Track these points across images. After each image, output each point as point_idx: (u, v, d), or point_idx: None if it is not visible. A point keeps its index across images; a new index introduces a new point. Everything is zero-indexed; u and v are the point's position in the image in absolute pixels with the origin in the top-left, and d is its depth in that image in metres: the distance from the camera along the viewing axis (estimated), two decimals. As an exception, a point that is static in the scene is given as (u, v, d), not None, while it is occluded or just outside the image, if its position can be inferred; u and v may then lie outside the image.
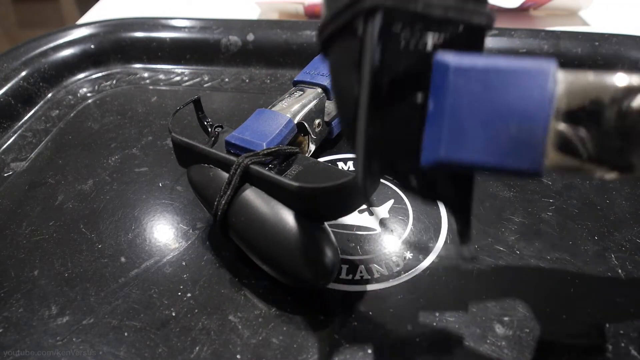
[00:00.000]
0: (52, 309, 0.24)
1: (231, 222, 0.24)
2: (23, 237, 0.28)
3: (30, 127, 0.37)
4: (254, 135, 0.27)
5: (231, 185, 0.24)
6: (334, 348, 0.22)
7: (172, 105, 0.39)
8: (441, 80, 0.14)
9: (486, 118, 0.13)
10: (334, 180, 0.22)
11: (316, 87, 0.31)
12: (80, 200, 0.30)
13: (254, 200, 0.23)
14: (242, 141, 0.27)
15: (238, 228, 0.24)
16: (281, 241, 0.22)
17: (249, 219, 0.23)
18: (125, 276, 0.25)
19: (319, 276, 0.22)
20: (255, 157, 0.24)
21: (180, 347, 0.22)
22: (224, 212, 0.24)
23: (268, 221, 0.23)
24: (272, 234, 0.22)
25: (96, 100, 0.40)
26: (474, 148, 0.14)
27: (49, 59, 0.41)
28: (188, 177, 0.27)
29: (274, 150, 0.26)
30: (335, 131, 0.33)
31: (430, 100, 0.15)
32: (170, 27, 0.44)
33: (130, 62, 0.44)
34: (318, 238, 0.22)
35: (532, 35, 0.40)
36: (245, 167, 0.24)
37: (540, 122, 0.13)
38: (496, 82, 0.13)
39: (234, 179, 0.24)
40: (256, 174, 0.24)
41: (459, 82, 0.14)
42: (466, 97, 0.14)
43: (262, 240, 0.23)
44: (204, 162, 0.26)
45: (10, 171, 0.33)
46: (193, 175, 0.26)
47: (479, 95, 0.14)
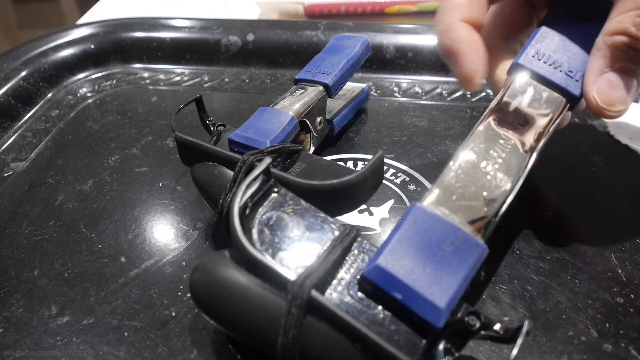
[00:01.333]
0: (52, 309, 0.24)
1: None
2: (23, 237, 0.28)
3: (30, 127, 0.37)
4: (257, 133, 0.27)
5: (237, 182, 0.24)
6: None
7: (172, 105, 0.39)
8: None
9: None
10: (339, 176, 0.22)
11: (317, 85, 0.31)
12: (80, 200, 0.30)
13: None
14: (246, 139, 0.27)
15: None
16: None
17: None
18: (125, 276, 0.25)
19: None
20: (259, 155, 0.24)
21: (180, 347, 0.22)
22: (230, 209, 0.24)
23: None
24: None
25: (96, 100, 0.40)
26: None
27: (49, 59, 0.41)
28: (192, 176, 0.27)
29: (278, 148, 0.26)
30: (337, 129, 0.33)
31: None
32: (170, 27, 0.44)
33: (130, 62, 0.44)
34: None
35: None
36: (251, 164, 0.24)
37: None
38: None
39: (239, 176, 0.24)
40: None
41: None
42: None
43: None
44: (208, 161, 0.26)
45: (10, 171, 0.33)
46: (197, 173, 0.26)
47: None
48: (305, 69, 0.32)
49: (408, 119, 0.36)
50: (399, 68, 0.41)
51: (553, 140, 0.24)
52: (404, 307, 0.18)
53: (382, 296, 0.18)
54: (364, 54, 0.33)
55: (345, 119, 0.34)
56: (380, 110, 0.37)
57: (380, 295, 0.18)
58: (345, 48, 0.33)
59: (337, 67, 0.31)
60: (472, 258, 0.19)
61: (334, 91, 0.31)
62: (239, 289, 0.19)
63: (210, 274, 0.19)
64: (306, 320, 0.18)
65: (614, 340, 0.22)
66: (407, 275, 0.18)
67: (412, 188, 0.29)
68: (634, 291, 0.24)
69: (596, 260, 0.25)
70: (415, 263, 0.18)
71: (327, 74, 0.31)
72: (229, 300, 0.19)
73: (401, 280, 0.18)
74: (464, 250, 0.19)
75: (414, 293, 0.18)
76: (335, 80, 0.31)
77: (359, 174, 0.22)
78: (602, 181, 0.30)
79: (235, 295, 0.19)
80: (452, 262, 0.18)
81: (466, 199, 0.20)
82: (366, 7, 0.51)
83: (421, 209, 0.20)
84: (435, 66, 0.40)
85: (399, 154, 0.32)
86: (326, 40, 0.41)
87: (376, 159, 0.23)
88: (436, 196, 0.20)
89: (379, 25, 0.42)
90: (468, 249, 0.19)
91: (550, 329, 0.22)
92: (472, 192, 0.20)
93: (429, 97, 0.38)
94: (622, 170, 0.31)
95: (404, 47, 0.41)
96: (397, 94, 0.39)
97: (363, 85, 0.36)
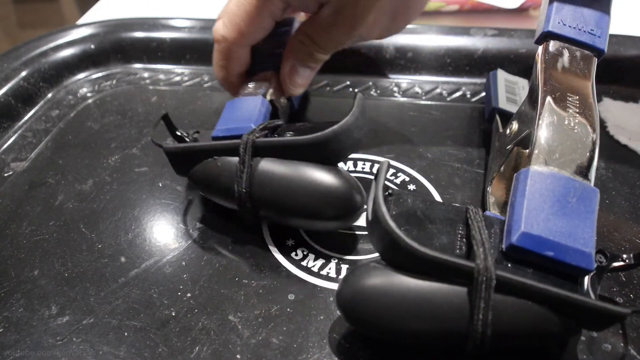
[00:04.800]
0: (52, 308, 0.24)
1: (257, 197, 0.24)
2: (23, 237, 0.28)
3: (31, 127, 0.37)
4: (238, 122, 0.27)
5: (246, 163, 0.24)
6: (334, 348, 0.22)
7: (172, 105, 0.39)
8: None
9: None
10: (330, 127, 0.24)
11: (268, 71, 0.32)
12: (80, 200, 0.30)
13: (272, 167, 0.24)
14: (230, 131, 0.27)
15: (266, 199, 0.24)
16: (310, 190, 0.24)
17: (274, 186, 0.24)
18: (125, 276, 0.25)
19: (351, 211, 0.24)
20: (255, 133, 0.25)
21: (180, 347, 0.22)
22: (248, 191, 0.24)
23: (293, 179, 0.24)
24: (300, 187, 0.24)
25: (96, 100, 0.40)
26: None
27: (49, 59, 0.41)
28: (193, 179, 0.26)
29: (265, 125, 0.26)
30: (296, 104, 0.35)
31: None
32: (170, 27, 0.44)
33: (130, 62, 0.44)
34: (341, 177, 0.24)
35: (532, 35, 0.40)
36: (253, 142, 0.25)
37: None
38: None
39: (246, 156, 0.24)
40: (266, 144, 0.25)
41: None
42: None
43: (292, 198, 0.24)
44: (205, 159, 0.26)
45: (10, 171, 0.33)
46: (199, 173, 0.26)
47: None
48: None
49: (408, 119, 0.36)
50: (398, 68, 0.41)
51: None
52: (555, 262, 0.20)
53: (529, 259, 0.20)
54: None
55: (299, 96, 0.35)
56: (380, 110, 0.37)
57: (528, 258, 0.20)
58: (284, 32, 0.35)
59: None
60: (594, 202, 0.21)
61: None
62: (415, 290, 0.19)
63: (368, 286, 0.20)
64: (495, 298, 0.19)
65: (613, 340, 0.22)
66: (550, 233, 0.20)
67: (412, 188, 0.29)
68: (633, 291, 0.24)
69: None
70: (552, 221, 0.20)
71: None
72: (403, 307, 0.19)
73: (548, 239, 0.20)
74: (585, 197, 0.21)
75: (563, 247, 0.20)
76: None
77: (351, 115, 0.24)
78: (602, 181, 0.30)
79: (412, 298, 0.19)
80: (580, 211, 0.21)
81: (567, 154, 0.23)
82: (366, 7, 0.51)
83: (537, 172, 0.22)
84: (435, 66, 0.40)
85: (398, 154, 0.32)
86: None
87: (359, 100, 0.25)
88: (542, 159, 0.22)
89: (379, 25, 0.42)
90: (588, 196, 0.21)
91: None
92: (569, 147, 0.23)
93: (429, 97, 0.38)
94: (622, 170, 0.31)
95: (404, 47, 0.41)
96: (397, 94, 0.39)
97: None
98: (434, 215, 0.21)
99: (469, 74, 0.40)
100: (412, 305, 0.19)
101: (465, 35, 0.40)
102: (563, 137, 0.23)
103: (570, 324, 0.19)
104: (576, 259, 0.20)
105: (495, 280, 0.18)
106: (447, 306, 0.19)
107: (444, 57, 0.40)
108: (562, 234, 0.20)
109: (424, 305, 0.19)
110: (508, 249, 0.20)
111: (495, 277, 0.18)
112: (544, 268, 0.20)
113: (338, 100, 0.38)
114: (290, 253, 0.26)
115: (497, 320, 0.19)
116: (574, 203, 0.21)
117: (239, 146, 0.25)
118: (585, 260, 0.20)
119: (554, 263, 0.20)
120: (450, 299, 0.19)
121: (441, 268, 0.19)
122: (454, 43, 0.40)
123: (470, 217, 0.21)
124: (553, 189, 0.21)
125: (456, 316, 0.19)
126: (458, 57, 0.40)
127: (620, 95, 0.37)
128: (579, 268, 0.20)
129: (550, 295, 0.19)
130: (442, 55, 0.40)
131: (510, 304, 0.19)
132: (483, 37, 0.40)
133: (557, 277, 0.20)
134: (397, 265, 0.20)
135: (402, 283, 0.19)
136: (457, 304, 0.19)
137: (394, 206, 0.21)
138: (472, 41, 0.40)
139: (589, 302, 0.19)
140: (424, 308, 0.19)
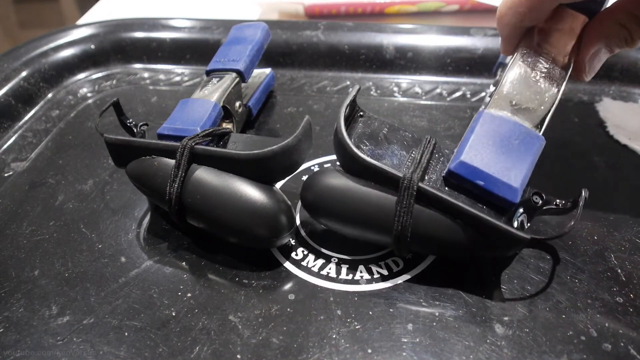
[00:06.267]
0: (53, 308, 0.24)
1: (187, 203, 0.24)
2: (23, 237, 0.28)
3: (31, 127, 0.37)
4: (186, 123, 0.28)
5: (181, 167, 0.24)
6: (334, 348, 0.22)
7: (172, 105, 0.38)
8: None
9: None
10: (273, 146, 0.24)
11: (230, 72, 0.32)
12: (80, 200, 0.30)
13: (206, 176, 0.24)
14: (176, 130, 0.27)
15: (195, 207, 0.24)
16: (239, 206, 0.24)
17: (205, 195, 0.24)
18: (125, 276, 0.25)
19: (276, 232, 0.24)
20: (196, 139, 0.25)
21: (180, 347, 0.22)
22: (179, 195, 0.24)
23: (224, 192, 0.24)
24: (229, 201, 0.24)
25: (96, 100, 0.40)
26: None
27: (49, 59, 0.41)
28: (129, 173, 0.27)
29: (211, 131, 0.26)
30: (254, 112, 0.35)
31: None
32: (170, 27, 0.44)
33: (130, 62, 0.44)
34: (272, 197, 0.24)
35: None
36: (191, 148, 0.25)
37: None
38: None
39: (182, 160, 0.24)
40: (204, 153, 0.25)
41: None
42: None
43: (220, 211, 0.24)
44: (144, 155, 0.26)
45: (10, 171, 0.33)
46: (135, 169, 0.26)
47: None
48: (215, 60, 0.34)
49: (408, 119, 0.36)
50: (398, 68, 0.41)
51: (553, 140, 0.24)
52: (485, 191, 0.22)
53: (465, 187, 0.23)
54: (265, 39, 0.35)
55: (259, 102, 0.36)
56: (380, 110, 0.37)
57: (464, 186, 0.23)
58: (248, 36, 0.34)
59: (244, 54, 0.33)
60: (535, 147, 0.23)
61: (247, 76, 0.32)
62: (355, 191, 0.23)
63: (324, 183, 0.24)
64: (416, 207, 0.22)
65: (613, 340, 0.22)
66: (485, 166, 0.22)
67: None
68: (633, 291, 0.24)
69: (596, 260, 0.25)
70: (490, 156, 0.23)
71: (237, 60, 0.32)
72: (346, 202, 0.23)
73: (482, 170, 0.22)
74: (528, 142, 0.23)
75: (493, 179, 0.22)
76: (245, 65, 0.32)
77: (293, 138, 0.24)
78: (602, 181, 0.30)
79: (352, 196, 0.23)
80: (520, 152, 0.23)
81: (523, 102, 0.25)
82: (366, 7, 0.51)
83: (489, 114, 0.24)
84: (435, 66, 0.40)
85: (398, 154, 0.32)
86: (326, 40, 0.41)
87: (305, 123, 0.25)
88: (498, 103, 0.25)
89: (378, 26, 0.42)
90: (531, 141, 0.23)
91: (550, 328, 0.22)
92: (527, 97, 0.25)
93: (429, 97, 0.38)
94: (622, 170, 0.31)
95: (403, 47, 0.41)
96: (397, 94, 0.39)
97: (268, 69, 0.38)
98: (394, 138, 0.25)
99: (469, 74, 0.40)
100: (357, 202, 0.23)
101: (465, 35, 0.40)
102: (524, 88, 0.25)
103: (479, 240, 0.22)
104: (503, 190, 0.22)
105: (416, 192, 0.22)
106: (381, 207, 0.23)
107: (444, 57, 0.40)
108: (497, 169, 0.22)
109: (365, 204, 0.23)
110: (447, 174, 0.23)
111: (417, 189, 0.22)
112: (477, 197, 0.23)
113: (338, 100, 0.38)
114: (290, 253, 0.26)
115: (415, 225, 0.22)
116: (516, 145, 0.23)
117: (177, 149, 0.25)
118: (512, 193, 0.22)
119: (485, 192, 0.22)
120: (382, 201, 0.23)
121: (379, 175, 0.23)
122: (454, 43, 0.40)
123: (422, 144, 0.24)
124: (500, 130, 0.23)
125: (385, 216, 0.22)
126: (458, 57, 0.40)
127: (620, 95, 0.37)
128: (505, 199, 0.22)
129: (461, 211, 0.22)
130: (442, 55, 0.40)
131: (428, 213, 0.22)
132: (483, 37, 0.40)
133: (488, 207, 0.22)
134: (350, 172, 0.24)
135: (350, 185, 0.23)
136: (387, 206, 0.22)
137: (362, 125, 0.25)
138: (472, 41, 0.40)
139: (493, 221, 0.21)
140: (364, 206, 0.23)
